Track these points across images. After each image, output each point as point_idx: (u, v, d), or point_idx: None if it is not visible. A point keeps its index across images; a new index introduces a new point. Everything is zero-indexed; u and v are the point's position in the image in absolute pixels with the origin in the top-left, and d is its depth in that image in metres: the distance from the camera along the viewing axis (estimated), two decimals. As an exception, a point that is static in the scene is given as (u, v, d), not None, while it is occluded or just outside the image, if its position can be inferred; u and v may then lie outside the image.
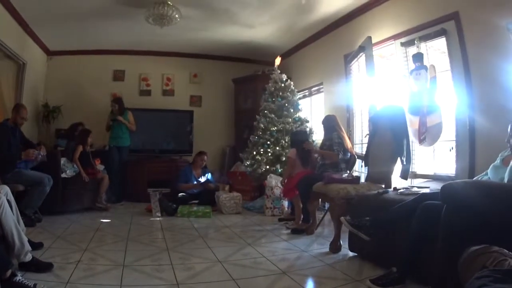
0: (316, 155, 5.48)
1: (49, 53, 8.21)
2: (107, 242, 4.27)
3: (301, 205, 5.12)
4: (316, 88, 7.74)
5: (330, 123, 5.30)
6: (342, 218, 3.44)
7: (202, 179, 6.91)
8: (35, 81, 7.62)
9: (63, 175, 5.90)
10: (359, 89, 6.20)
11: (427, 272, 2.63)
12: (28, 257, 2.99)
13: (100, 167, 6.72)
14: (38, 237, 3.92)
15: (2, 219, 2.90)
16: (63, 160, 6.01)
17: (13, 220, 2.97)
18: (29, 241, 3.13)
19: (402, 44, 5.15)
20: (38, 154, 5.01)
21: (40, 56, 7.91)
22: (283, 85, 6.95)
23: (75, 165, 6.14)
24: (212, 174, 7.07)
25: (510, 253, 1.81)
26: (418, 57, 4.68)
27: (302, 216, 5.13)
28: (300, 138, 5.68)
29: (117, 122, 7.35)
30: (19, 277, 2.59)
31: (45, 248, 3.69)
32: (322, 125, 5.44)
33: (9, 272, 2.57)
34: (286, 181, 5.46)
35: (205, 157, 7.00)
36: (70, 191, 5.88)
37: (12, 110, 5.22)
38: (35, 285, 2.53)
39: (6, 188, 3.29)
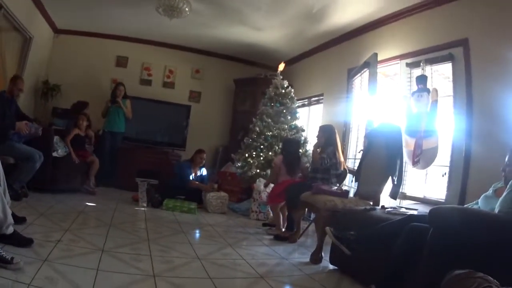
0: (307, 165, 5.47)
1: (56, 30, 8.20)
2: (89, 226, 4.26)
3: (286, 213, 5.12)
4: (316, 98, 7.77)
5: (329, 134, 5.07)
6: (327, 228, 3.44)
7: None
8: (39, 57, 7.57)
9: (55, 154, 5.85)
10: (359, 104, 6.20)
11: (405, 293, 2.62)
12: (10, 230, 2.96)
13: (89, 148, 6.68)
14: (22, 212, 3.87)
15: (-12, 189, 2.87)
16: (55, 139, 5.96)
17: (-1, 191, 2.94)
18: (12, 214, 3.11)
19: (408, 64, 5.17)
20: (32, 126, 4.95)
21: (47, 32, 7.88)
22: (283, 91, 6.94)
23: (66, 145, 6.09)
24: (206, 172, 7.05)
25: (494, 280, 1.81)
26: (422, 79, 4.68)
27: (285, 223, 5.13)
28: (292, 146, 5.62)
29: (116, 105, 7.36)
30: (-3, 248, 2.55)
31: (27, 224, 3.66)
32: (319, 129, 5.23)
33: (-12, 242, 2.55)
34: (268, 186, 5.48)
35: (204, 155, 6.89)
36: (60, 171, 5.82)
37: (10, 81, 5.19)
38: (12, 258, 2.49)
39: (-4, 159, 3.26)
